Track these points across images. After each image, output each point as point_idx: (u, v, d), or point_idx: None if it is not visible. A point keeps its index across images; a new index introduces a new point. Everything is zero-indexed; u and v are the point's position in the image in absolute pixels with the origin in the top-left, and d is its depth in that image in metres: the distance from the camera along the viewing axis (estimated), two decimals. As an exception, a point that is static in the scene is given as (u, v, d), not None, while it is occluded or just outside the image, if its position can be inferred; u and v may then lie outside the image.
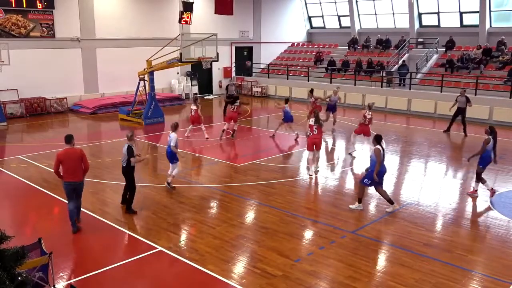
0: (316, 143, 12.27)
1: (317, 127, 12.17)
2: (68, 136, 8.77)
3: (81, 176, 8.81)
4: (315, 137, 12.20)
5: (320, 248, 8.17)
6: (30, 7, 20.81)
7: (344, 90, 24.72)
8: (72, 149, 8.70)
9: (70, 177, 8.65)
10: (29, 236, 8.29)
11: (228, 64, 29.46)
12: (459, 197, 11.01)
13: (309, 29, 33.65)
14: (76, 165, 8.64)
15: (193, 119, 16.36)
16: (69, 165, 8.59)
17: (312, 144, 12.24)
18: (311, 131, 12.21)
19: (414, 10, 27.30)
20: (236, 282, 7.03)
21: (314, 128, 12.16)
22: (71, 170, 8.62)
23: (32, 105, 21.08)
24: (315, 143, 12.25)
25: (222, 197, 10.81)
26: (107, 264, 7.55)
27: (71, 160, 8.59)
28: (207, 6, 25.88)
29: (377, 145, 9.72)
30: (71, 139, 8.73)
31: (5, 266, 4.18)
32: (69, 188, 8.74)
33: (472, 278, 7.24)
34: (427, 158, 14.59)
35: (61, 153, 8.62)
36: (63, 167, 8.65)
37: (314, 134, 12.18)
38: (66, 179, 8.68)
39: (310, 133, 12.21)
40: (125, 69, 23.06)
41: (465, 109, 17.70)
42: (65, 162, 8.59)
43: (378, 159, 9.56)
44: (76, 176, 8.68)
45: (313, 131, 12.17)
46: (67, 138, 8.74)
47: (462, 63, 23.57)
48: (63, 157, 8.57)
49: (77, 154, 8.65)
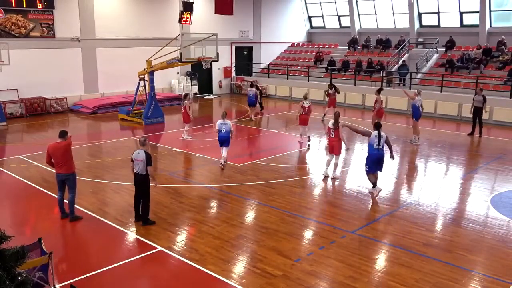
0: (333, 146, 12.07)
1: (334, 130, 11.95)
2: (62, 131, 9.17)
3: (70, 168, 9.11)
4: (332, 140, 12.04)
5: (320, 248, 8.17)
6: (30, 7, 20.81)
7: (344, 90, 24.75)
8: (60, 142, 9.04)
9: (61, 169, 9.09)
10: (29, 236, 8.30)
11: (228, 64, 29.47)
12: (459, 197, 11.01)
13: (309, 29, 33.65)
14: (64, 158, 9.01)
15: (183, 117, 16.36)
16: (57, 158, 9.04)
17: (331, 147, 12.16)
18: (328, 133, 12.15)
19: (414, 10, 27.30)
20: (236, 282, 7.03)
21: (332, 131, 11.98)
22: (60, 162, 9.04)
23: (32, 105, 21.08)
24: (333, 146, 12.08)
25: (222, 197, 10.81)
26: (107, 264, 7.55)
27: (59, 153, 9.00)
28: (207, 6, 25.88)
29: (374, 130, 10.65)
30: (65, 134, 9.12)
31: (5, 266, 4.18)
32: (58, 179, 9.19)
33: (472, 278, 7.24)
34: (427, 158, 14.59)
35: (51, 146, 9.11)
36: (54, 160, 9.10)
37: (331, 137, 12.03)
38: (57, 171, 9.18)
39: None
40: (125, 69, 23.07)
41: (482, 108, 17.36)
42: (54, 155, 9.05)
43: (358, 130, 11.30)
44: (64, 168, 9.04)
45: (330, 134, 12.03)
46: (61, 133, 9.15)
47: (462, 63, 23.57)
48: (52, 150, 9.06)
49: (64, 146, 9.02)
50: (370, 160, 10.73)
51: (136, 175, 8.94)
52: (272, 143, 16.26)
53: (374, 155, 10.68)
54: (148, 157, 8.79)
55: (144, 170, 8.83)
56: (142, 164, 8.79)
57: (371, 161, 10.72)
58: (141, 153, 8.83)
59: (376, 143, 10.64)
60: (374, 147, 10.67)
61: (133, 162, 8.93)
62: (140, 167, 8.83)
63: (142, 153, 8.82)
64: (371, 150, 10.74)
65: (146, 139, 9.20)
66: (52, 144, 9.10)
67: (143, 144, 8.99)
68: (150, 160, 8.81)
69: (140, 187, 8.99)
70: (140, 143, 9.06)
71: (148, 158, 8.77)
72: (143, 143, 9.02)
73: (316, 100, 25.62)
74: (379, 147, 10.66)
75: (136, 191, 9.11)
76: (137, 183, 8.99)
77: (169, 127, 18.92)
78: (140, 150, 8.90)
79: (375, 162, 10.70)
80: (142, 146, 8.96)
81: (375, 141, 10.66)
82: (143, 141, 9.06)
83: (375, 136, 10.69)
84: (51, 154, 9.03)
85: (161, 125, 19.25)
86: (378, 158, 10.70)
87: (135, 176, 8.99)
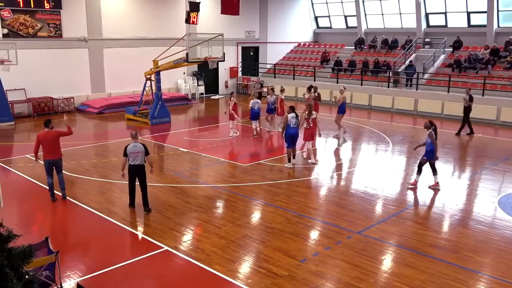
0: (312, 134, 13.57)
1: (313, 120, 13.33)
2: (47, 120, 10.16)
3: (58, 154, 10.13)
4: (312, 128, 13.41)
5: (326, 248, 8.16)
6: (37, 7, 20.94)
7: (350, 90, 24.68)
8: (50, 131, 10.00)
9: (50, 155, 9.99)
10: (36, 235, 8.34)
11: (234, 64, 29.49)
12: (466, 198, 10.96)
13: (316, 29, 33.61)
14: (53, 145, 9.98)
15: (229, 114, 16.97)
16: (48, 145, 9.94)
17: (310, 135, 13.48)
18: (307, 124, 13.35)
19: (421, 10, 27.18)
20: (241, 282, 7.03)
21: (310, 121, 13.31)
22: (50, 149, 9.95)
23: (39, 105, 21.21)
24: (312, 134, 13.54)
25: (228, 197, 10.82)
26: (114, 263, 7.58)
27: (49, 141, 9.94)
28: (214, 6, 25.90)
29: (291, 113, 12.89)
30: (49, 123, 10.07)
31: (12, 265, 4.21)
32: (48, 165, 10.06)
33: (479, 279, 7.20)
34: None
35: (41, 134, 10.03)
36: (43, 147, 9.97)
37: (311, 126, 13.36)
38: (46, 158, 10.04)
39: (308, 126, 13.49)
40: (132, 69, 23.15)
41: (469, 107, 17.46)
42: (44, 143, 9.95)
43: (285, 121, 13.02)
44: (54, 155, 10.02)
45: (310, 124, 13.32)
46: (46, 122, 10.11)
47: (470, 63, 23.43)
48: (43, 138, 9.96)
49: (54, 135, 9.99)
50: (287, 135, 12.93)
51: (135, 166, 9.45)
52: (278, 143, 16.24)
53: (291, 132, 12.87)
54: (146, 147, 9.56)
55: (143, 160, 9.50)
56: (141, 155, 9.44)
57: (287, 136, 12.90)
58: (137, 145, 9.46)
59: (292, 123, 12.84)
60: (291, 126, 12.83)
61: (128, 156, 9.43)
62: (140, 158, 9.44)
63: (138, 145, 9.47)
64: (288, 128, 12.87)
65: (137, 132, 9.88)
66: (41, 133, 10.04)
67: (135, 137, 9.62)
68: (147, 149, 9.60)
69: (140, 176, 9.59)
70: (132, 136, 9.65)
71: (146, 148, 9.55)
72: (135, 136, 9.65)
73: (322, 101, 25.59)
74: (295, 126, 12.88)
75: (132, 181, 9.66)
76: (137, 173, 9.53)
77: (176, 127, 18.96)
78: (135, 143, 9.50)
79: (289, 138, 12.91)
80: (135, 139, 9.57)
81: (291, 121, 12.85)
82: (135, 134, 9.70)
83: (291, 117, 12.86)
84: (41, 142, 9.98)
85: (167, 125, 19.30)
86: (292, 135, 12.86)
87: (133, 167, 9.47)
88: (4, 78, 18.78)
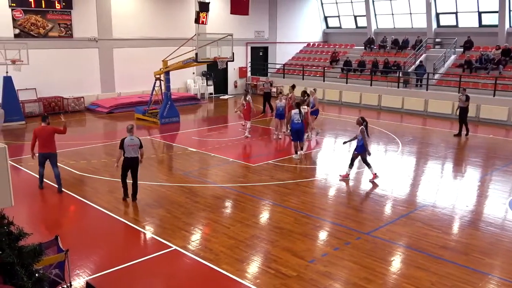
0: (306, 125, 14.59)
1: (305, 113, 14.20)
2: (44, 116, 10.91)
3: (53, 148, 10.72)
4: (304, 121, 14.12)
5: (334, 249, 8.13)
6: (48, 7, 21.11)
7: (360, 90, 24.62)
8: (46, 126, 10.63)
9: (43, 149, 10.63)
10: (46, 233, 8.40)
11: (243, 64, 29.51)
12: (476, 199, 10.87)
13: (325, 29, 33.52)
14: (48, 139, 10.59)
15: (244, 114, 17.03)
16: (43, 140, 10.56)
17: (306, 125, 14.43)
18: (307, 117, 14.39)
19: (431, 10, 27.00)
20: (250, 282, 7.03)
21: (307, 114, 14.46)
22: (45, 143, 10.58)
23: (50, 104, 21.38)
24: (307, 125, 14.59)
25: (236, 197, 10.83)
26: (123, 262, 7.62)
27: (45, 135, 10.57)
28: (223, 6, 25.94)
29: (296, 109, 13.73)
30: (46, 118, 10.76)
31: (23, 263, 4.23)
32: (42, 158, 10.74)
33: (489, 281, 7.14)
34: (444, 160, 14.41)
35: (37, 129, 10.68)
36: (38, 141, 10.59)
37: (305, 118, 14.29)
38: (40, 151, 10.66)
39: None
40: (141, 69, 23.27)
41: (466, 108, 17.19)
42: (40, 137, 10.57)
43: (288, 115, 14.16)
44: (49, 148, 10.65)
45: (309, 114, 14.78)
46: (43, 117, 10.81)
47: (481, 64, 23.23)
48: (39, 132, 10.59)
49: (49, 130, 10.62)
50: (292, 130, 13.69)
51: (130, 158, 9.99)
52: (286, 144, 16.21)
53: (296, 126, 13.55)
54: (140, 140, 10.12)
55: (137, 153, 10.04)
56: (137, 147, 9.98)
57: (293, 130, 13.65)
58: (134, 139, 9.99)
59: (296, 119, 13.51)
60: (295, 121, 13.49)
61: (125, 149, 9.91)
62: (135, 151, 9.98)
63: (135, 138, 10.01)
64: (293, 124, 13.57)
65: (133, 126, 10.25)
66: (38, 128, 10.72)
67: (131, 131, 10.02)
68: (141, 142, 10.16)
69: (134, 168, 10.15)
70: (128, 130, 10.05)
71: (141, 141, 10.12)
72: (131, 130, 10.04)
73: (331, 101, 25.58)
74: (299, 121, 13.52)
75: (125, 173, 10.16)
76: (132, 165, 10.10)
77: (185, 127, 19.01)
78: (132, 136, 9.97)
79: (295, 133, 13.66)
80: (130, 133, 9.98)
81: (295, 117, 13.55)
82: (131, 128, 10.08)
83: (294, 113, 13.62)
84: (38, 136, 10.55)
85: (176, 124, 19.36)
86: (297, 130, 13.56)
87: (128, 160, 9.99)
88: (15, 77, 18.94)
